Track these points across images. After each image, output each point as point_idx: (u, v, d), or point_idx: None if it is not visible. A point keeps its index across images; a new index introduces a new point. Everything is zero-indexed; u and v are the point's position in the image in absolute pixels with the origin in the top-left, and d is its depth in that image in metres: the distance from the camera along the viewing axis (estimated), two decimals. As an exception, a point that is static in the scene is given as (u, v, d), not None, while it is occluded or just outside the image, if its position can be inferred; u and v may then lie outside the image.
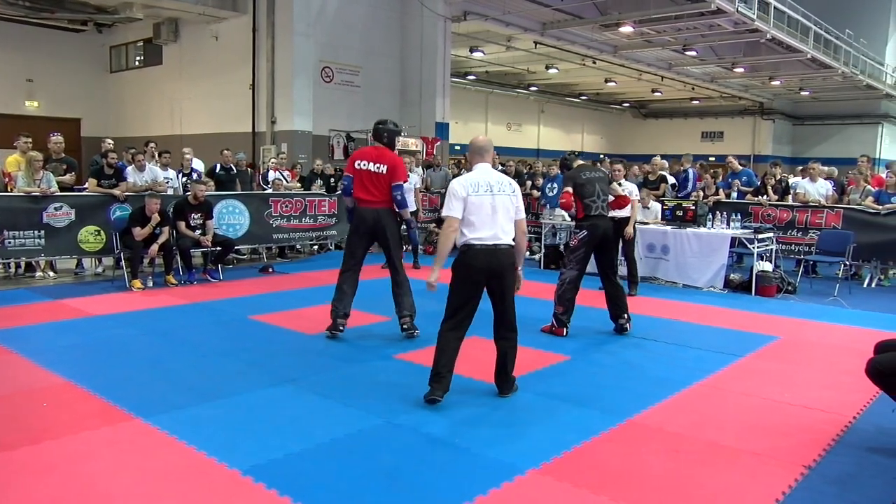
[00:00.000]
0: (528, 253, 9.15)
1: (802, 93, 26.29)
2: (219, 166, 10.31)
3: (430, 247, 11.65)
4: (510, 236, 4.22)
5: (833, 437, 3.85)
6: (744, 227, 8.94)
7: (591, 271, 6.33)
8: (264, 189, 11.02)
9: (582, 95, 29.27)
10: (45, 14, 14.63)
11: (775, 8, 16.01)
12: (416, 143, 14.15)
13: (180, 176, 10.07)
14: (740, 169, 11.35)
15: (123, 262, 8.15)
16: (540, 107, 29.45)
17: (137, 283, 7.89)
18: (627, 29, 16.09)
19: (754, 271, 8.43)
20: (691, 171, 11.72)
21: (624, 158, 9.29)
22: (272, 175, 11.04)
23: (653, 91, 26.62)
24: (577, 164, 6.45)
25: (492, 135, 25.90)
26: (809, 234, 9.56)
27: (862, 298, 8.33)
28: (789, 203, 10.04)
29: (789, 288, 8.50)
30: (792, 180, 10.85)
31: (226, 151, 10.57)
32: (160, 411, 4.00)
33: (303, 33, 13.39)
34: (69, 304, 7.07)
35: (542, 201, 11.18)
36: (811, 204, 9.74)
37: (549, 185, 10.94)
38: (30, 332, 5.85)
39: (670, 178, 11.48)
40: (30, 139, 8.36)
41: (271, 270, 9.60)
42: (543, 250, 10.36)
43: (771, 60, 19.98)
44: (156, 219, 7.99)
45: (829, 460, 3.57)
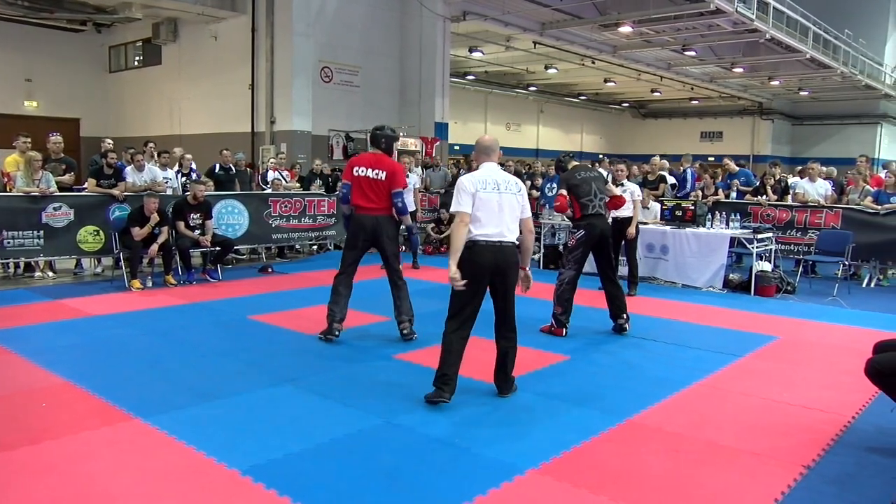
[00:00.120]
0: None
1: (801, 93, 26.32)
2: (218, 166, 10.30)
3: (428, 247, 11.64)
4: (514, 235, 4.23)
5: (832, 437, 3.86)
6: (743, 227, 8.95)
7: (591, 272, 6.33)
8: (263, 189, 11.02)
9: (581, 95, 29.29)
10: (45, 14, 14.63)
11: (774, 8, 16.02)
12: (416, 143, 14.15)
13: (179, 176, 10.07)
14: (737, 170, 11.39)
15: (122, 263, 8.15)
16: (539, 107, 29.45)
17: (136, 283, 7.89)
18: (626, 29, 16.11)
19: (753, 271, 8.43)
20: (690, 171, 11.74)
21: (624, 158, 9.29)
22: (271, 175, 11.03)
23: (652, 91, 26.63)
24: (572, 165, 6.45)
25: (491, 135, 25.87)
26: (809, 234, 9.57)
27: (861, 298, 8.34)
28: (788, 203, 10.04)
29: (788, 288, 8.51)
30: (791, 180, 10.86)
31: (225, 151, 10.56)
32: (159, 411, 4.01)
33: (302, 33, 13.39)
34: (68, 304, 7.07)
35: (541, 201, 11.17)
36: (810, 204, 9.74)
37: (548, 185, 10.95)
38: (29, 333, 5.85)
39: (670, 178, 11.49)
40: (29, 139, 8.35)
41: (270, 270, 9.60)
42: (542, 250, 10.37)
43: (770, 60, 20.00)
44: (155, 219, 7.98)
45: (828, 460, 3.57)
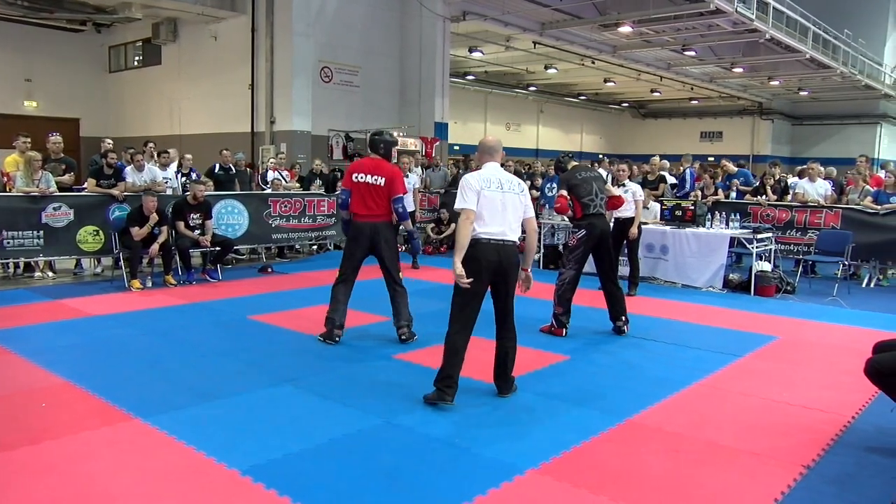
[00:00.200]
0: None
1: (801, 93, 26.30)
2: (218, 166, 10.29)
3: (428, 247, 11.65)
4: (517, 234, 4.24)
5: (832, 437, 3.86)
6: (743, 227, 8.96)
7: (591, 272, 6.33)
8: (263, 189, 11.01)
9: (581, 95, 29.28)
10: (44, 14, 14.61)
11: (774, 8, 16.02)
12: (415, 143, 14.16)
13: (179, 176, 10.07)
14: (735, 170, 11.40)
15: (122, 263, 8.15)
16: (539, 107, 29.44)
17: (136, 283, 7.89)
18: (626, 29, 16.10)
19: (753, 271, 8.43)
20: (689, 171, 11.74)
21: (626, 158, 9.29)
22: (271, 175, 11.03)
23: (652, 91, 26.62)
24: (571, 165, 6.45)
25: (491, 135, 25.88)
26: (808, 234, 9.57)
27: (861, 298, 8.34)
28: (788, 203, 10.04)
29: (788, 288, 8.51)
30: (791, 180, 10.86)
31: (225, 151, 10.55)
32: (159, 411, 4.01)
33: (302, 33, 13.38)
34: (68, 304, 7.07)
35: (541, 201, 11.17)
36: (810, 204, 9.74)
37: (548, 185, 10.95)
38: (29, 333, 5.85)
39: (670, 178, 11.49)
40: (28, 139, 8.34)
41: (270, 270, 9.60)
42: (542, 250, 10.37)
43: (770, 60, 19.99)
44: (154, 218, 7.98)
45: (827, 460, 3.57)
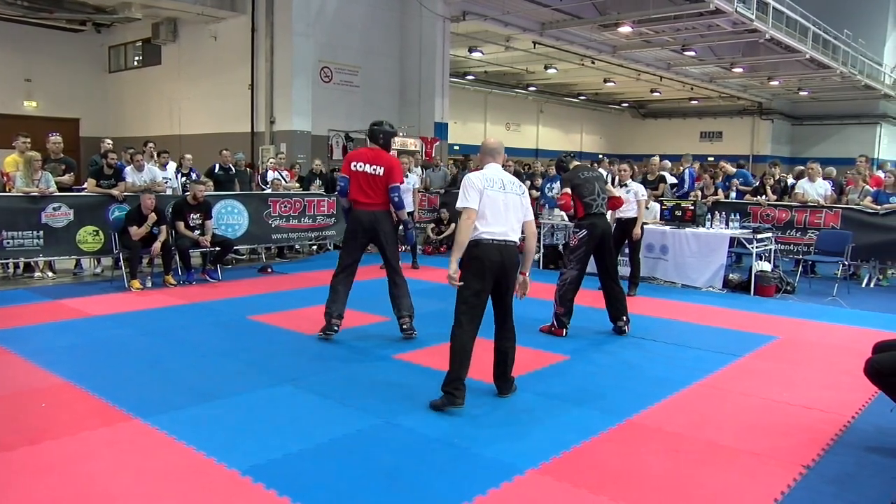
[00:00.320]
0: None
1: (801, 93, 26.32)
2: (218, 166, 10.29)
3: (428, 247, 11.64)
4: (517, 235, 4.24)
5: (832, 437, 3.86)
6: (742, 227, 8.96)
7: (591, 272, 6.33)
8: (263, 189, 11.01)
9: (581, 95, 29.29)
10: (44, 14, 14.61)
11: (774, 8, 16.02)
12: (415, 143, 14.16)
13: (179, 176, 10.07)
14: (734, 171, 11.42)
15: (122, 263, 8.15)
16: (539, 107, 29.45)
17: (136, 283, 7.89)
18: (626, 29, 16.11)
19: (753, 271, 8.43)
20: (688, 171, 11.73)
21: (627, 158, 9.29)
22: (271, 175, 11.03)
23: (651, 91, 26.63)
24: (573, 165, 6.46)
25: (490, 135, 25.90)
26: (808, 234, 9.56)
27: (860, 298, 8.34)
28: (788, 203, 10.04)
29: (788, 288, 8.51)
30: (791, 181, 10.86)
31: (225, 151, 10.55)
32: (159, 411, 4.00)
33: (302, 33, 13.38)
34: (68, 304, 7.06)
35: (541, 201, 11.17)
36: (810, 204, 9.74)
37: (548, 185, 10.94)
38: (29, 333, 5.85)
39: (670, 178, 11.49)
40: (28, 139, 8.34)
41: (270, 271, 9.59)
42: (542, 250, 10.37)
43: (769, 60, 20.00)
44: (152, 218, 7.98)
45: (827, 460, 3.57)
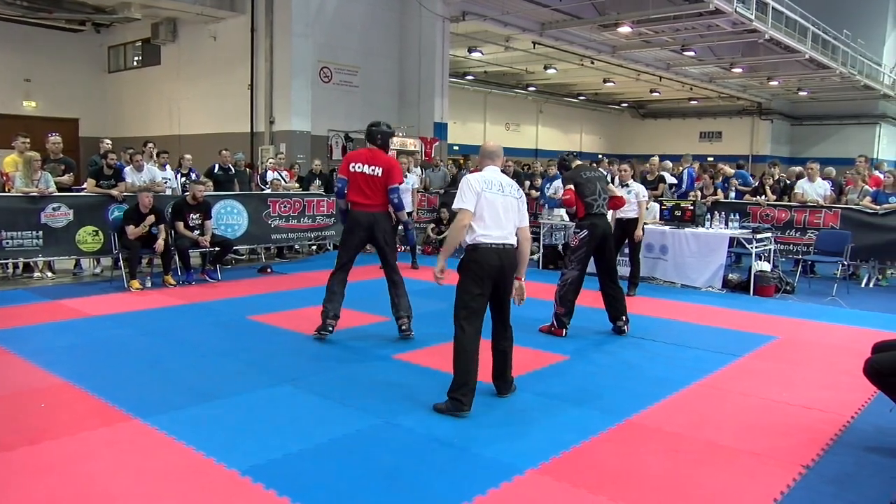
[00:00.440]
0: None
1: (800, 93, 26.32)
2: (217, 166, 10.29)
3: (427, 247, 11.65)
4: (514, 238, 4.22)
5: (831, 437, 3.86)
6: (742, 227, 8.96)
7: (591, 272, 6.33)
8: (262, 189, 11.01)
9: (580, 95, 29.28)
10: (43, 14, 14.60)
11: (773, 8, 16.03)
12: (415, 144, 14.16)
13: (179, 176, 10.07)
14: (732, 172, 11.43)
15: (122, 263, 8.15)
16: (538, 107, 29.45)
17: (136, 283, 7.89)
18: (626, 29, 16.11)
19: (752, 271, 8.44)
20: (687, 171, 11.74)
21: (626, 158, 9.30)
22: (270, 175, 11.03)
23: (651, 91, 26.62)
24: (575, 164, 6.46)
25: (490, 135, 25.93)
26: (808, 234, 9.57)
27: (860, 298, 8.34)
28: (787, 203, 10.05)
29: (787, 288, 8.51)
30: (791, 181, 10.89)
31: (224, 151, 10.55)
32: (159, 411, 4.00)
33: (301, 33, 13.38)
34: (67, 304, 7.06)
35: (540, 201, 11.18)
36: (809, 204, 9.75)
37: (548, 184, 10.94)
38: (28, 333, 5.84)
39: (670, 178, 11.49)
40: (28, 139, 8.34)
41: (270, 271, 9.59)
42: (542, 250, 10.37)
43: (769, 61, 20.00)
44: (150, 220, 7.98)
45: (827, 460, 3.57)
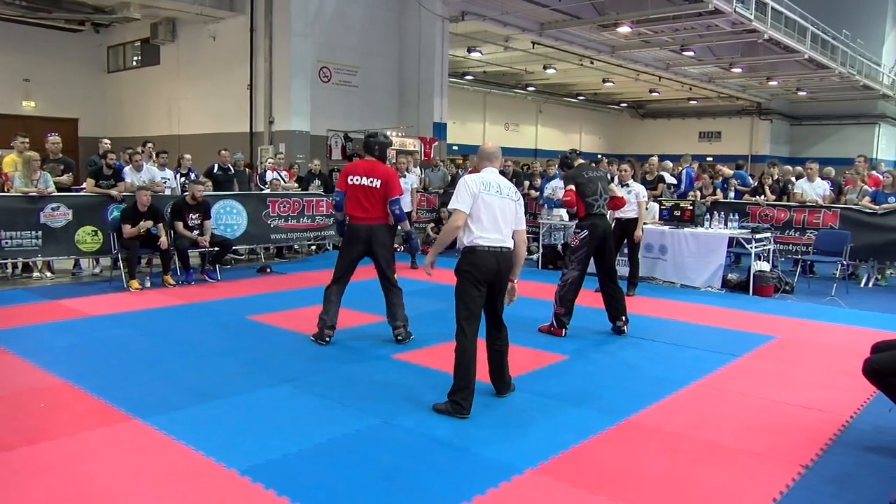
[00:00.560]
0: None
1: (800, 93, 26.34)
2: (216, 166, 10.28)
3: (427, 246, 11.64)
4: (511, 241, 4.22)
5: (830, 437, 3.86)
6: (741, 227, 8.96)
7: (591, 272, 6.33)
8: (262, 189, 11.00)
9: (580, 95, 29.30)
10: (43, 14, 14.60)
11: (772, 8, 16.04)
12: (414, 143, 14.16)
13: (178, 176, 10.06)
14: (731, 174, 11.44)
15: (121, 263, 8.14)
16: (538, 107, 29.45)
17: (135, 283, 7.89)
18: (625, 29, 16.12)
19: (752, 271, 8.44)
20: (686, 171, 11.74)
21: (626, 158, 9.30)
22: (270, 175, 11.02)
23: (650, 91, 26.63)
24: (577, 164, 6.42)
25: (489, 135, 25.93)
26: (807, 234, 9.57)
27: (859, 298, 8.35)
28: (787, 203, 10.05)
29: (787, 288, 8.51)
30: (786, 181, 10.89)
31: (223, 151, 10.54)
32: (158, 411, 4.00)
33: (300, 33, 13.37)
34: (67, 304, 7.06)
35: (539, 201, 11.17)
36: (808, 204, 9.75)
37: (547, 184, 10.94)
38: (27, 333, 5.84)
39: (669, 178, 11.50)
40: (27, 139, 8.33)
41: (269, 271, 9.59)
42: (541, 250, 10.37)
43: (768, 61, 20.03)
44: (147, 224, 7.97)
45: (826, 460, 3.57)
